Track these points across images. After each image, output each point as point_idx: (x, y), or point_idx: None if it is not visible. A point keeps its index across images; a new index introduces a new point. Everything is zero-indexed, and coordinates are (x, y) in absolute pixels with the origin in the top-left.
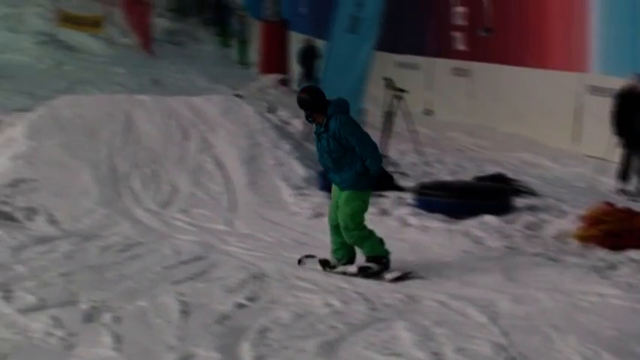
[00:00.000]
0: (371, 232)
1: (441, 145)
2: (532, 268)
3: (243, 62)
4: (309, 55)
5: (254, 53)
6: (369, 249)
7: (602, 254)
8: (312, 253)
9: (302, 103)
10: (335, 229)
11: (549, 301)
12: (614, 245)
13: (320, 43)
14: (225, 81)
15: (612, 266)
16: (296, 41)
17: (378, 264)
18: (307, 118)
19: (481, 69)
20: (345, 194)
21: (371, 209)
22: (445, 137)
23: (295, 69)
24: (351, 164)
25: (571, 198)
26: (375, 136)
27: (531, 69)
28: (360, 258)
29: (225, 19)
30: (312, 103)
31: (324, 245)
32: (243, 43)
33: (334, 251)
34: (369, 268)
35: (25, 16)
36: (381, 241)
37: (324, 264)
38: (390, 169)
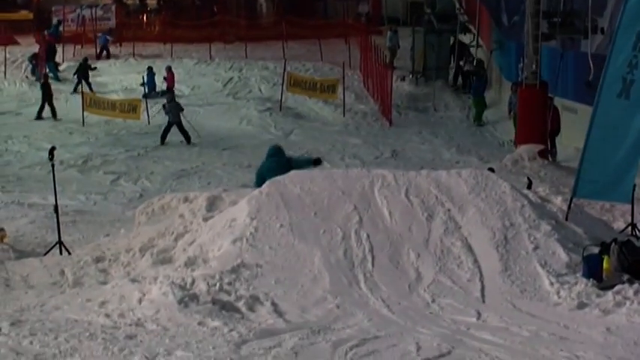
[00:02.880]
0: None
1: None
2: None
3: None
4: None
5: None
6: None
7: None
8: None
9: None
10: None
11: None
12: None
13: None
14: (475, 152)
15: None
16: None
17: None
18: None
19: None
20: None
21: None
22: None
23: None
24: None
25: None
26: None
27: None
28: None
29: (479, 87)
30: None
31: (588, 340)
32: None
33: None
34: None
35: (250, 81)
36: None
37: None
38: None
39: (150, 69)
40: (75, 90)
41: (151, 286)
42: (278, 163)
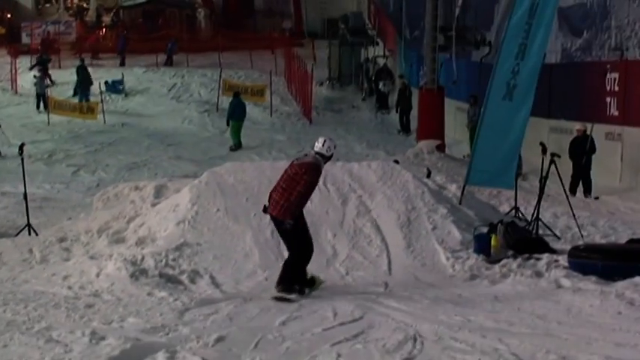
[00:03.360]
0: None
1: (594, 209)
2: None
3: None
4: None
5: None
6: None
7: None
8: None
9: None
10: None
11: None
12: None
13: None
14: (382, 147)
15: None
16: (451, 107)
17: None
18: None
19: (633, 133)
20: None
21: (524, 271)
22: (598, 200)
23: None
24: None
25: None
26: (531, 202)
27: None
28: None
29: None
30: None
31: (478, 306)
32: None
33: None
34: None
35: (191, 86)
36: None
37: None
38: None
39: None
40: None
41: (106, 263)
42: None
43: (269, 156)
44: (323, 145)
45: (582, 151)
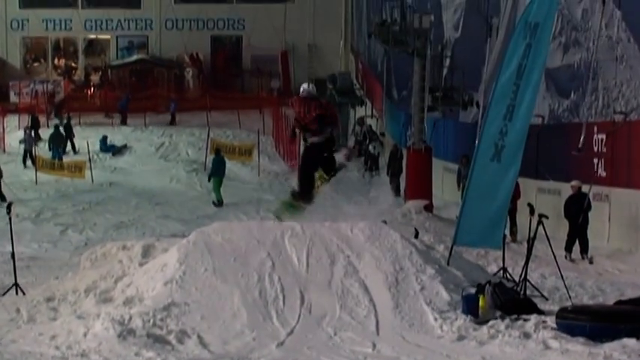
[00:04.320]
0: None
1: (582, 269)
2: None
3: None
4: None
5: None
6: None
7: None
8: None
9: None
10: None
11: None
12: None
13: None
14: (371, 207)
15: None
16: (438, 168)
17: None
18: None
19: (620, 194)
20: None
21: (512, 332)
22: (585, 261)
23: None
24: None
25: None
26: (519, 262)
27: None
28: None
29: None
30: None
31: None
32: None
33: None
34: None
35: (179, 145)
36: None
37: None
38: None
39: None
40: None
41: (94, 322)
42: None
43: (256, 215)
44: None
45: (578, 209)
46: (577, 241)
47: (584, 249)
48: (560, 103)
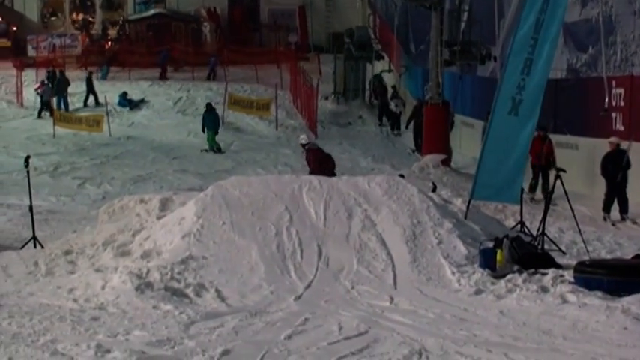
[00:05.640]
0: None
1: (599, 224)
2: None
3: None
4: None
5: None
6: None
7: None
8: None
9: None
10: None
11: None
12: None
13: (478, 124)
14: (388, 161)
15: None
16: (456, 122)
17: None
18: None
19: (636, 150)
20: None
21: (529, 286)
22: (626, 222)
23: None
24: None
25: None
26: (536, 216)
27: None
28: None
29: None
30: None
31: (484, 321)
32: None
33: None
34: None
35: (196, 100)
36: None
37: None
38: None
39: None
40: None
41: (112, 275)
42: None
43: (274, 170)
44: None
45: (616, 166)
46: (616, 201)
47: (624, 209)
48: (578, 58)
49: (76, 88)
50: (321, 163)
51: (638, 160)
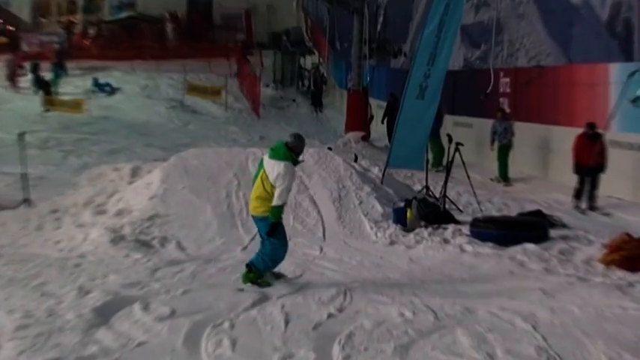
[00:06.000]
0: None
1: (489, 188)
2: (566, 287)
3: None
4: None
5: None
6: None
7: (622, 275)
8: None
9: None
10: None
11: (580, 313)
12: (632, 267)
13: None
14: (317, 137)
15: (631, 284)
16: (373, 105)
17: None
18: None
19: (519, 127)
20: None
21: (434, 238)
22: (492, 182)
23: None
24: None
25: (596, 230)
26: (438, 182)
27: (561, 127)
28: None
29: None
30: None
31: (396, 267)
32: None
33: None
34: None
35: (160, 87)
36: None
37: None
38: (448, 206)
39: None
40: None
41: (91, 230)
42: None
43: (225, 144)
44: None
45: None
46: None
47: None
48: (472, 53)
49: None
50: None
51: (522, 137)
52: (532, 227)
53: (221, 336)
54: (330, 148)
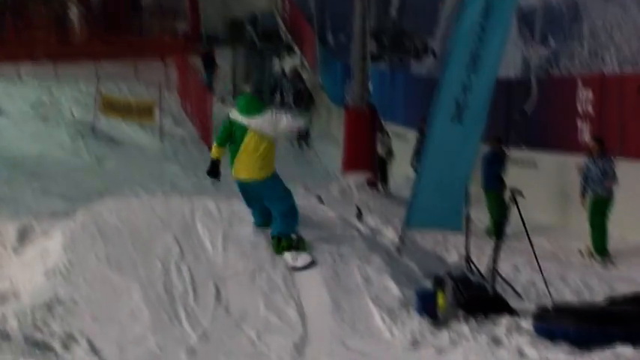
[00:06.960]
0: None
1: (563, 259)
2: None
3: None
4: None
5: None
6: None
7: None
8: None
9: None
10: None
11: None
12: None
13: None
14: (301, 180)
15: None
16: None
17: None
18: None
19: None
20: None
21: (479, 337)
22: (567, 249)
23: None
24: None
25: None
26: (485, 250)
27: None
28: None
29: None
30: None
31: None
32: None
33: None
34: None
35: (61, 103)
36: None
37: None
38: (501, 288)
39: None
40: None
41: None
42: None
43: (159, 190)
44: None
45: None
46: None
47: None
48: (536, 53)
49: None
50: None
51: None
52: (629, 321)
53: None
54: (319, 198)
